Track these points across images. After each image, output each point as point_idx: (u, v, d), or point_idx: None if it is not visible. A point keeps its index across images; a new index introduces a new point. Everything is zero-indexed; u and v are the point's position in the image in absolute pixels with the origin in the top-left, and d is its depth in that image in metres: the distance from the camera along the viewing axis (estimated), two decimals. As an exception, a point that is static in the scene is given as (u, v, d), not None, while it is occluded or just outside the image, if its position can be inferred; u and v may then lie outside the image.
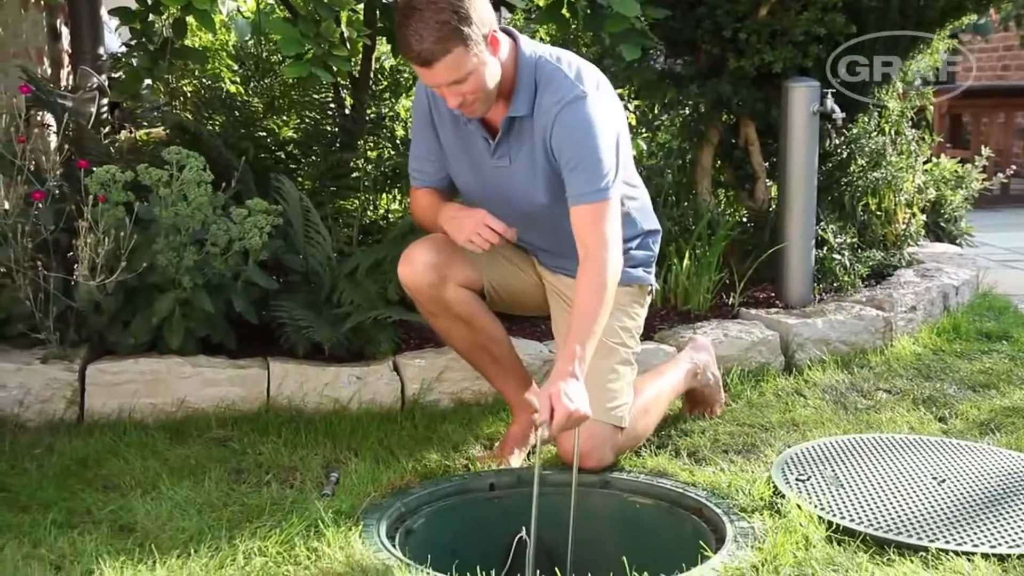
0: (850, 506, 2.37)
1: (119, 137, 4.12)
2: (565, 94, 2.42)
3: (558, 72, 2.45)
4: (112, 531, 2.25)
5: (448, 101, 2.38)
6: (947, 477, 2.55)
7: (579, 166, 2.41)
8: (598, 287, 2.35)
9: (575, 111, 2.41)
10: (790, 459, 2.65)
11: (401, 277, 2.65)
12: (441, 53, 2.26)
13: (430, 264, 2.59)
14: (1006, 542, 2.20)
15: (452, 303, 2.62)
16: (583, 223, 2.41)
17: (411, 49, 2.27)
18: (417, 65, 2.30)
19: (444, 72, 2.29)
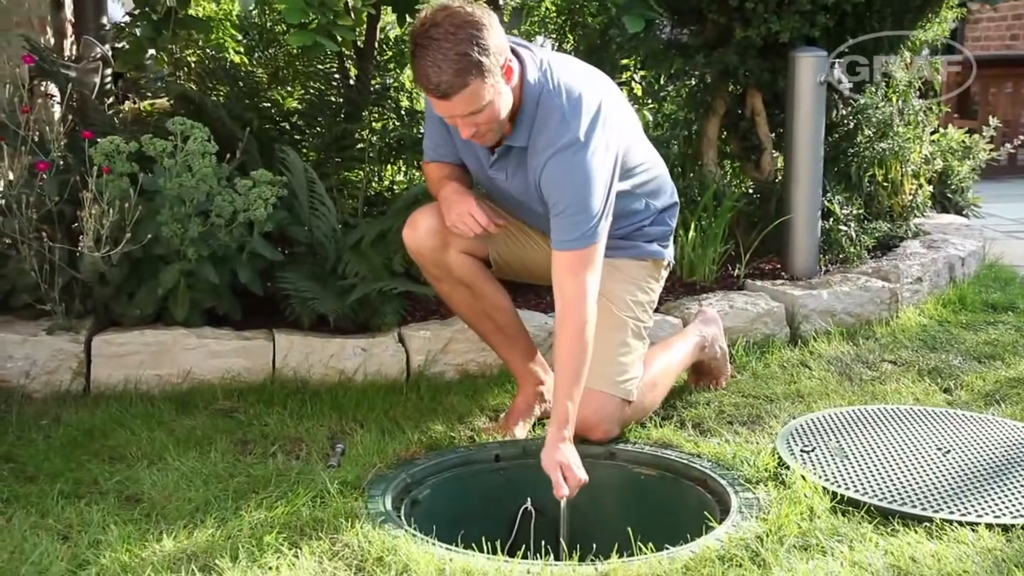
0: (854, 477, 2.37)
1: (123, 108, 4.12)
2: (558, 139, 2.37)
3: (556, 112, 2.38)
4: (119, 501, 2.26)
5: (461, 132, 2.35)
6: (951, 448, 2.55)
7: (563, 213, 2.38)
8: (579, 346, 2.35)
9: (565, 160, 2.36)
10: (795, 430, 2.66)
11: (405, 240, 2.67)
12: (460, 86, 2.23)
13: (433, 229, 2.60)
14: (1010, 512, 2.20)
15: (454, 268, 2.63)
16: (562, 269, 2.39)
17: (428, 80, 2.23)
18: (434, 97, 2.26)
19: (461, 104, 2.26)
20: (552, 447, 2.30)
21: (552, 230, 2.41)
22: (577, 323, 2.35)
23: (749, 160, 4.22)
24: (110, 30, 4.45)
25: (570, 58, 2.62)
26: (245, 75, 4.09)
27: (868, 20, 3.98)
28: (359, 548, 2.03)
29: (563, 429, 2.32)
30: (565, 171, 2.36)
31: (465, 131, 2.34)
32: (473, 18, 2.23)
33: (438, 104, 2.29)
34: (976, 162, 5.24)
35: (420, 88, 2.28)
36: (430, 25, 2.23)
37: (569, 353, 2.35)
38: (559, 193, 2.38)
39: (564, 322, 2.37)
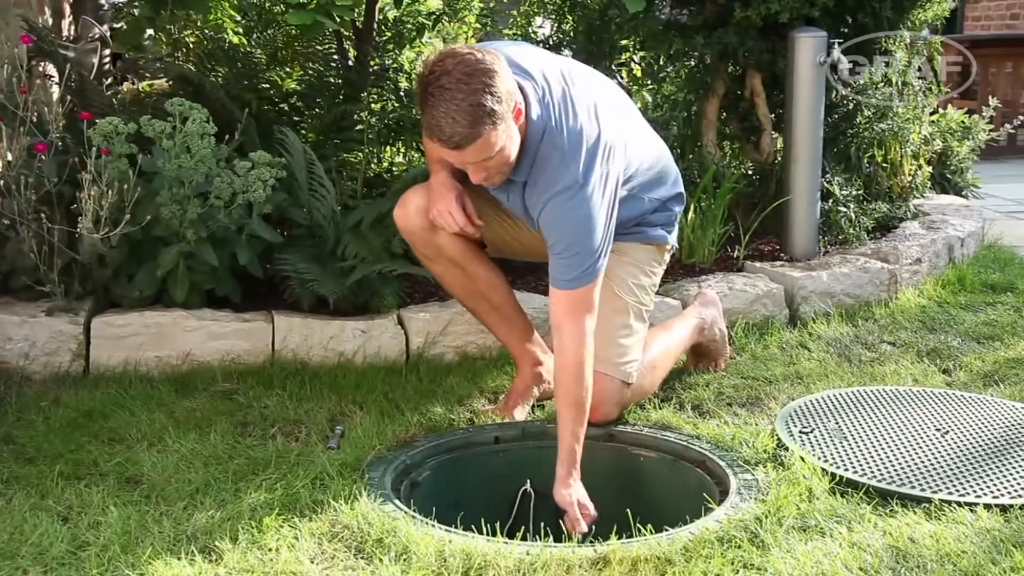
0: (853, 458, 2.38)
1: (121, 88, 4.10)
2: (557, 182, 2.34)
3: (556, 153, 2.35)
4: (118, 483, 2.27)
5: (472, 177, 2.33)
6: (950, 429, 2.56)
7: (562, 254, 2.37)
8: (579, 388, 2.35)
9: (563, 202, 2.34)
10: (794, 412, 2.66)
11: (396, 220, 2.67)
12: (474, 137, 2.20)
13: (423, 208, 2.60)
14: (1008, 493, 2.21)
15: (445, 248, 2.63)
16: (560, 309, 2.39)
17: (442, 132, 2.19)
18: (448, 148, 2.23)
19: (474, 153, 2.24)
20: (563, 485, 2.28)
21: (551, 266, 2.40)
22: (576, 366, 2.35)
23: (748, 141, 4.21)
24: (108, 10, 4.42)
25: (563, 65, 2.52)
26: (244, 56, 4.07)
27: (868, 0, 3.96)
28: (359, 530, 2.03)
29: (572, 469, 2.31)
30: (564, 214, 2.35)
31: (476, 176, 2.33)
32: (484, 65, 2.20)
33: (449, 154, 2.26)
34: (976, 143, 5.23)
35: (431, 138, 2.24)
36: (440, 73, 2.19)
37: (568, 395, 2.35)
38: (558, 235, 2.37)
39: (563, 365, 2.36)
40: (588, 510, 2.26)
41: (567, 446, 2.32)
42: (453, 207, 2.51)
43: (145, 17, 3.69)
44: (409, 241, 2.71)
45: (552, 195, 2.35)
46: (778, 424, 2.56)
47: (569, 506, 2.25)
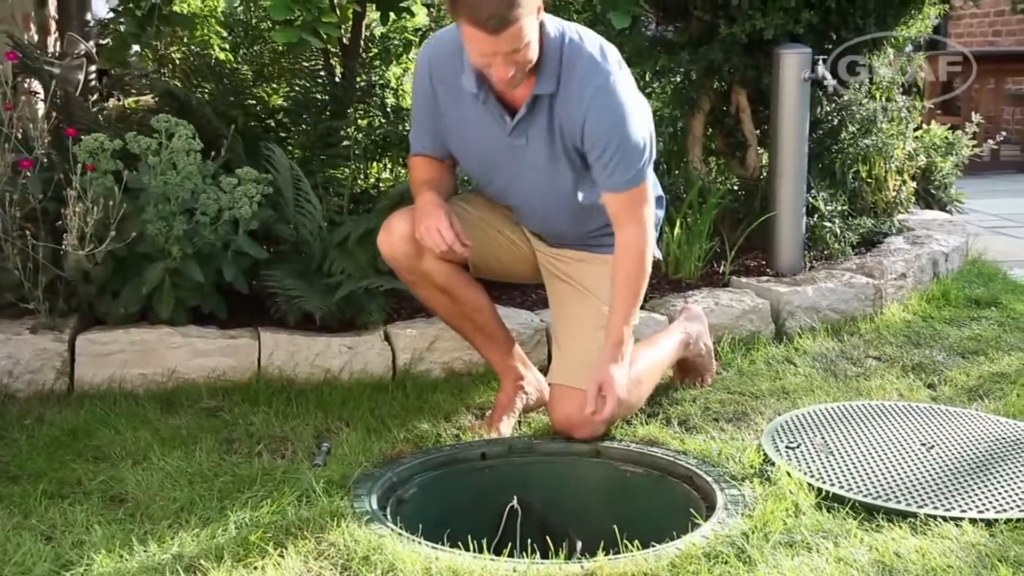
0: (840, 473, 2.38)
1: (107, 105, 4.09)
2: (596, 79, 2.40)
3: (584, 55, 2.42)
4: (103, 501, 2.26)
5: (498, 72, 2.32)
6: (935, 443, 2.56)
7: (615, 155, 2.42)
8: (639, 269, 2.47)
9: (609, 98, 2.41)
10: (780, 427, 2.67)
11: (380, 247, 2.66)
12: (512, 20, 2.22)
13: (407, 234, 2.58)
14: (993, 507, 2.22)
15: (430, 273, 2.62)
16: (620, 209, 2.47)
17: (480, 13, 2.21)
18: (485, 32, 2.23)
19: (508, 40, 2.25)
20: (602, 365, 2.40)
21: (600, 173, 2.46)
22: (640, 254, 2.48)
23: (734, 157, 4.23)
24: (94, 26, 4.42)
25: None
26: (230, 72, 4.08)
27: (852, 16, 3.99)
28: (345, 548, 2.03)
29: (618, 349, 2.42)
30: (610, 108, 2.41)
31: (504, 71, 2.31)
32: None
33: (483, 41, 2.25)
34: (959, 158, 5.26)
35: (467, 23, 2.23)
36: None
37: (631, 282, 2.47)
38: (608, 134, 2.41)
39: (628, 255, 2.46)
40: (614, 391, 2.41)
41: (617, 329, 2.45)
42: (443, 224, 2.50)
43: (131, 33, 3.69)
44: (393, 267, 2.70)
45: (595, 94, 2.40)
46: (764, 439, 2.56)
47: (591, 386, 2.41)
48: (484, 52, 2.30)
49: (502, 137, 2.52)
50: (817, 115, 4.11)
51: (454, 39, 2.47)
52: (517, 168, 2.57)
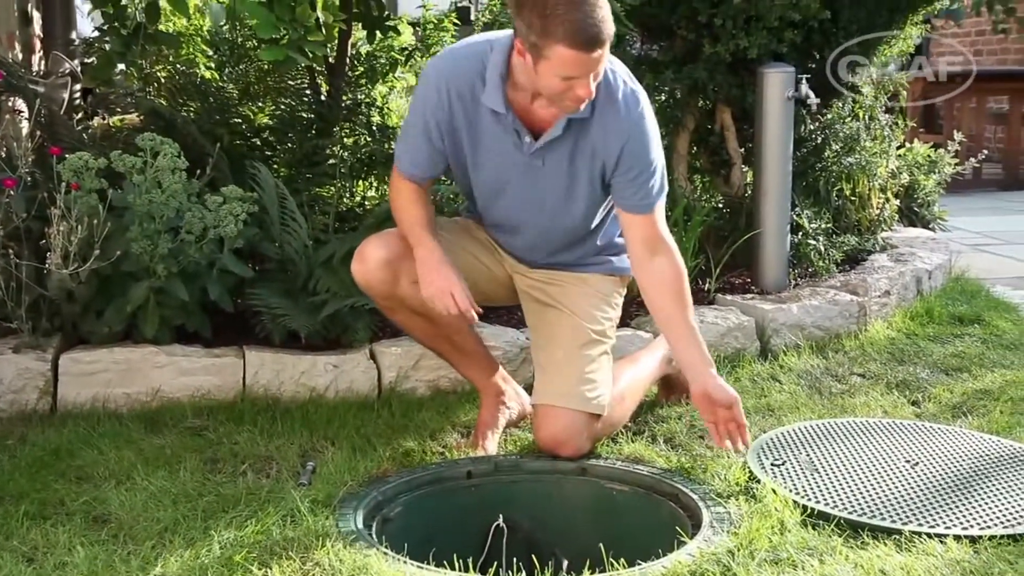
0: (824, 490, 2.39)
1: (92, 123, 4.09)
2: (638, 105, 2.48)
3: (619, 77, 2.47)
4: (86, 522, 2.24)
5: (582, 91, 2.30)
6: (920, 460, 2.57)
7: (652, 176, 2.50)
8: (681, 291, 2.51)
9: (647, 123, 2.49)
10: (765, 444, 2.67)
11: (354, 275, 2.62)
12: (608, 37, 2.25)
13: (382, 260, 2.56)
14: (977, 524, 2.22)
15: (406, 298, 2.59)
16: (652, 229, 2.52)
17: (583, 34, 2.21)
18: (583, 51, 2.22)
19: (600, 59, 2.28)
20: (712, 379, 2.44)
21: (631, 198, 2.51)
22: (672, 266, 2.52)
23: (719, 175, 4.25)
24: (79, 45, 4.42)
25: None
26: (216, 91, 4.08)
27: (835, 36, 4.02)
28: (330, 567, 2.02)
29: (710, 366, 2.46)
30: (647, 134, 2.50)
31: (588, 90, 2.31)
32: None
33: (577, 61, 2.24)
34: (942, 176, 5.30)
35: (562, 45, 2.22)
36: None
37: (687, 299, 2.52)
38: (641, 157, 2.49)
39: (677, 274, 2.51)
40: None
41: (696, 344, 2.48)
42: (457, 289, 2.47)
43: (116, 52, 3.69)
44: (369, 295, 2.68)
45: (635, 122, 2.47)
46: (749, 456, 2.57)
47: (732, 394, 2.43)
48: (574, 73, 2.27)
49: (519, 157, 2.51)
50: (801, 133, 4.14)
51: (473, 55, 2.47)
52: (529, 189, 2.56)
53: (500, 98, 2.43)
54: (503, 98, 2.43)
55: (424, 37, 4.69)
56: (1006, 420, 2.84)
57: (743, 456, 2.51)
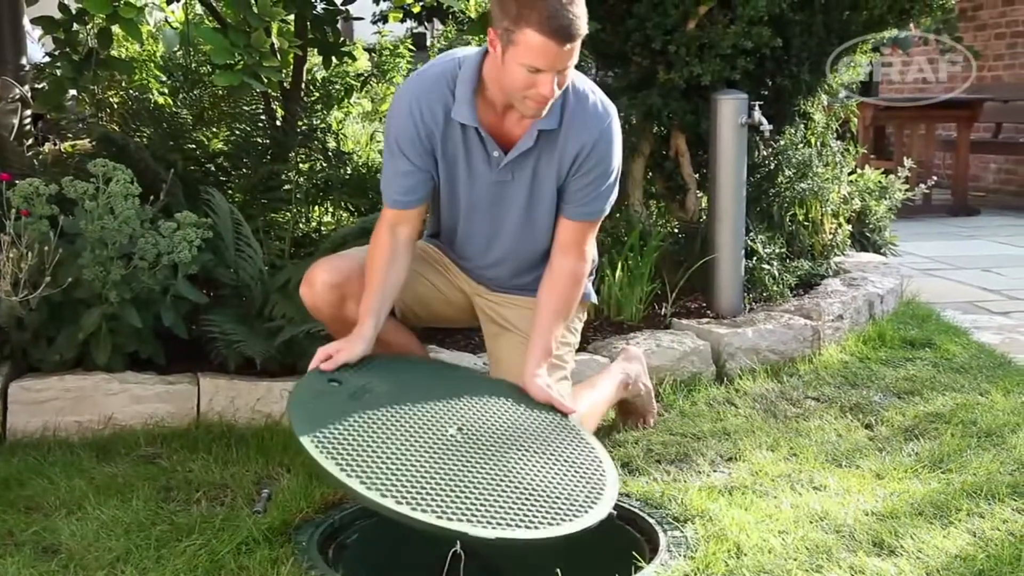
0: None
1: (43, 149, 4.05)
2: (607, 116, 2.51)
3: (587, 89, 2.50)
4: (35, 553, 2.20)
5: (543, 89, 2.31)
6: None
7: (598, 186, 2.52)
8: (573, 293, 2.56)
9: (612, 131, 2.52)
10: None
11: (303, 298, 2.62)
12: (581, 32, 2.27)
13: (330, 284, 2.56)
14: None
15: (354, 321, 2.54)
16: (575, 236, 2.56)
17: (556, 21, 2.22)
18: (555, 40, 2.23)
19: (571, 54, 2.30)
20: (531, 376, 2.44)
21: (574, 202, 2.54)
22: (579, 276, 2.57)
23: (674, 200, 4.28)
24: (30, 71, 4.38)
25: None
26: (169, 116, 4.05)
27: (787, 63, 4.08)
28: (285, 596, 2.00)
29: (541, 362, 2.48)
30: (611, 142, 2.52)
31: (551, 90, 2.32)
32: None
33: (547, 52, 2.25)
34: (892, 202, 5.38)
35: (534, 30, 2.23)
36: None
37: (563, 300, 2.54)
38: (603, 165, 2.51)
39: (567, 273, 2.55)
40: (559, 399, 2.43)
41: (543, 341, 2.50)
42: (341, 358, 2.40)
43: (67, 78, 3.66)
44: (317, 317, 2.67)
45: (601, 131, 2.49)
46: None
47: (547, 393, 2.42)
48: (540, 64, 2.28)
49: (489, 174, 2.52)
50: (754, 159, 4.19)
51: (442, 73, 2.48)
52: (499, 205, 2.58)
53: (470, 112, 2.44)
54: (473, 112, 2.44)
55: (380, 63, 4.71)
56: (956, 443, 2.88)
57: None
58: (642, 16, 3.92)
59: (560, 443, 2.27)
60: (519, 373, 2.60)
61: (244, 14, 3.24)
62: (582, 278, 2.58)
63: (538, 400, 2.42)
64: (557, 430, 2.32)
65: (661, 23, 3.89)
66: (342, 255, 2.67)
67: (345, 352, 2.40)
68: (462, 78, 2.44)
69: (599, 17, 3.71)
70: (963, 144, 8.05)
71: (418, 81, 2.53)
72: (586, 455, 2.26)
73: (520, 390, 2.45)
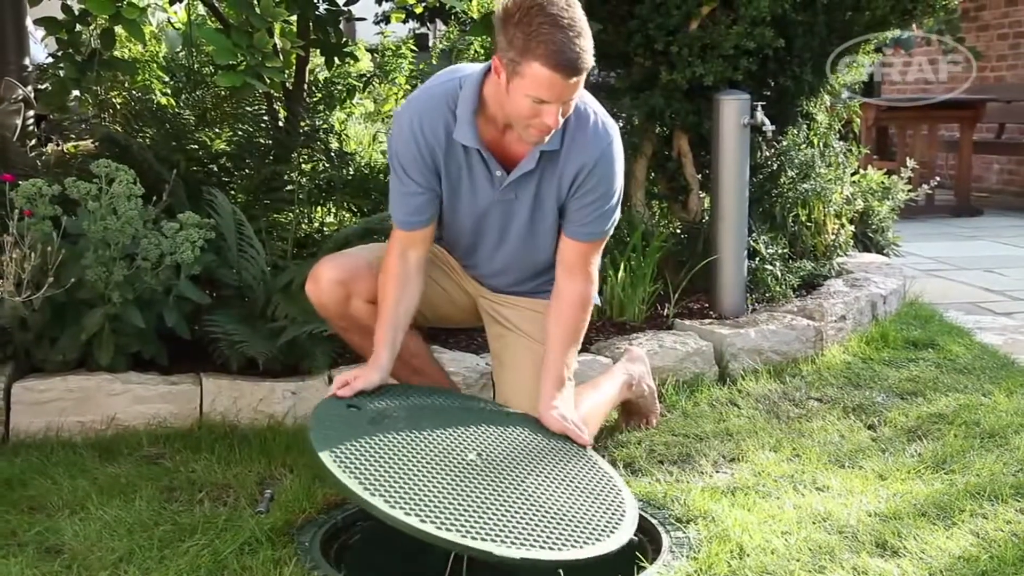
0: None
1: (46, 150, 4.06)
2: (607, 136, 2.48)
3: (590, 109, 2.48)
4: (38, 554, 2.20)
5: (548, 120, 2.30)
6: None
7: (601, 206, 2.51)
8: (582, 320, 2.56)
9: (613, 152, 2.50)
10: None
11: (308, 295, 2.64)
12: (588, 65, 2.26)
13: (335, 280, 2.58)
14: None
15: (360, 317, 2.60)
16: (579, 258, 2.54)
17: (564, 55, 2.20)
18: (561, 74, 2.22)
19: (577, 86, 2.29)
20: (547, 408, 2.45)
21: (575, 222, 2.52)
22: (586, 299, 2.55)
23: (677, 200, 4.28)
24: (33, 71, 4.39)
25: None
26: (172, 117, 4.06)
27: (789, 64, 4.08)
28: (288, 596, 2.00)
29: (556, 391, 2.47)
30: (612, 163, 2.50)
31: (556, 120, 2.32)
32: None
33: (553, 84, 2.24)
34: (895, 202, 5.37)
35: (540, 63, 2.22)
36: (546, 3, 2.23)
37: (572, 325, 2.54)
38: (604, 186, 2.50)
39: (574, 297, 2.54)
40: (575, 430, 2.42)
41: (556, 370, 2.49)
42: (358, 385, 2.42)
43: (70, 78, 3.67)
44: (323, 314, 2.68)
45: (602, 152, 2.47)
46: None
47: (562, 424, 2.42)
48: (546, 96, 2.27)
49: (493, 192, 2.52)
50: (757, 160, 4.19)
51: (443, 93, 2.46)
52: (503, 223, 2.58)
53: (471, 133, 2.43)
54: (474, 133, 2.43)
55: (382, 64, 4.71)
56: (960, 444, 2.88)
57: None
58: (644, 17, 3.92)
59: (578, 470, 2.30)
60: (520, 373, 2.61)
61: (247, 15, 3.24)
62: (589, 302, 2.57)
63: (554, 431, 2.43)
64: (574, 458, 2.35)
65: (663, 24, 3.90)
66: (348, 253, 2.69)
67: (363, 380, 2.42)
68: (463, 98, 2.43)
69: (601, 18, 3.71)
70: (966, 145, 8.04)
71: (419, 102, 2.52)
72: (604, 482, 2.29)
73: (536, 421, 2.46)
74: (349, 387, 2.40)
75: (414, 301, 2.56)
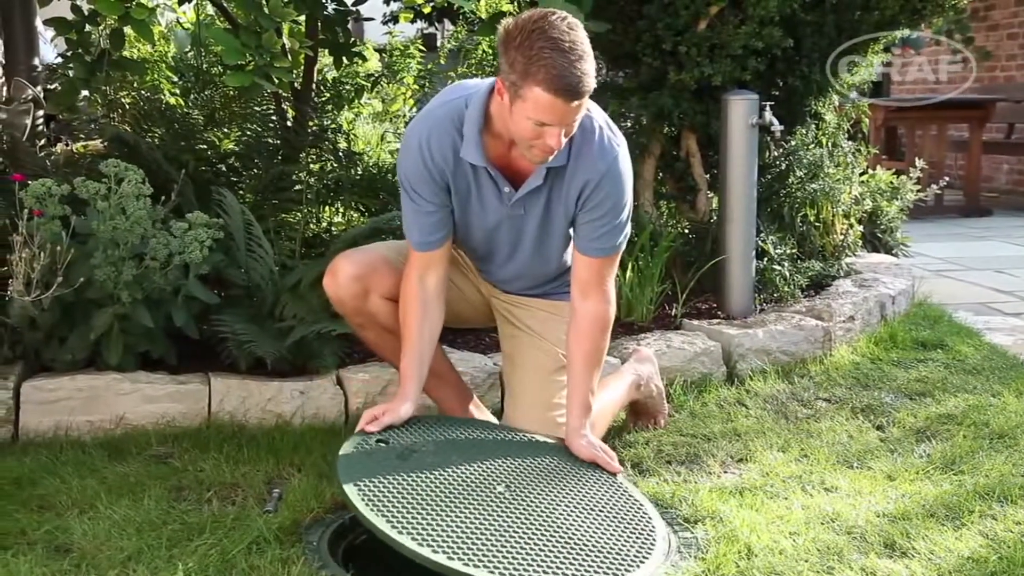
0: (791, 515, 2.38)
1: (55, 150, 4.07)
2: (613, 151, 2.46)
3: (596, 131, 2.45)
4: (47, 552, 2.21)
5: (550, 141, 2.29)
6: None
7: (609, 221, 2.49)
8: (604, 343, 2.54)
9: (619, 167, 2.48)
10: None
11: (326, 289, 2.65)
12: (589, 88, 2.24)
13: (353, 276, 2.58)
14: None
15: (377, 314, 2.61)
16: (593, 275, 2.52)
17: (565, 80, 2.18)
18: (562, 99, 2.21)
19: (579, 109, 2.28)
20: (576, 436, 2.46)
21: (586, 238, 2.51)
22: (606, 321, 2.54)
23: (685, 201, 4.28)
24: (42, 71, 4.40)
25: None
26: (181, 117, 4.07)
27: (798, 64, 4.08)
28: (296, 595, 2.00)
29: (584, 420, 2.48)
30: (619, 178, 2.48)
31: (559, 141, 2.31)
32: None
33: (554, 109, 2.22)
34: (904, 202, 5.36)
35: (542, 88, 2.20)
36: (556, 18, 2.22)
37: (594, 349, 2.52)
38: (610, 202, 2.48)
39: (594, 320, 2.52)
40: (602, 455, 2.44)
41: (582, 396, 2.49)
42: (386, 420, 2.42)
43: (80, 78, 3.68)
44: (340, 310, 2.68)
45: (609, 164, 2.45)
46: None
47: (592, 452, 2.44)
48: (547, 119, 2.26)
49: (502, 208, 2.52)
50: (765, 160, 4.18)
51: (449, 112, 2.45)
52: (513, 237, 2.59)
53: (478, 151, 2.43)
54: (481, 151, 2.43)
55: (390, 63, 4.72)
56: (969, 444, 2.87)
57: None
58: (652, 17, 3.92)
59: (607, 499, 2.31)
60: (532, 373, 2.61)
61: (255, 15, 3.25)
62: (608, 323, 2.54)
63: (583, 459, 2.44)
64: (604, 486, 2.36)
65: (672, 24, 3.89)
66: (366, 249, 2.69)
67: (391, 414, 2.43)
68: (469, 117, 2.42)
69: (610, 18, 3.71)
70: (975, 144, 8.01)
71: (425, 122, 2.51)
72: (634, 510, 2.30)
73: (565, 449, 2.47)
74: (377, 422, 2.41)
75: (437, 327, 2.56)
